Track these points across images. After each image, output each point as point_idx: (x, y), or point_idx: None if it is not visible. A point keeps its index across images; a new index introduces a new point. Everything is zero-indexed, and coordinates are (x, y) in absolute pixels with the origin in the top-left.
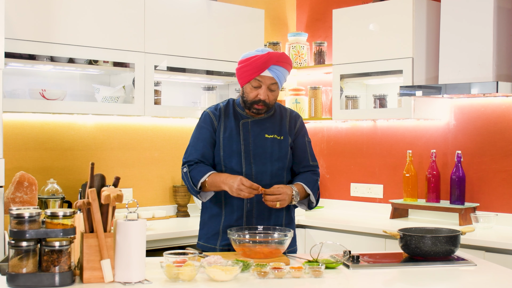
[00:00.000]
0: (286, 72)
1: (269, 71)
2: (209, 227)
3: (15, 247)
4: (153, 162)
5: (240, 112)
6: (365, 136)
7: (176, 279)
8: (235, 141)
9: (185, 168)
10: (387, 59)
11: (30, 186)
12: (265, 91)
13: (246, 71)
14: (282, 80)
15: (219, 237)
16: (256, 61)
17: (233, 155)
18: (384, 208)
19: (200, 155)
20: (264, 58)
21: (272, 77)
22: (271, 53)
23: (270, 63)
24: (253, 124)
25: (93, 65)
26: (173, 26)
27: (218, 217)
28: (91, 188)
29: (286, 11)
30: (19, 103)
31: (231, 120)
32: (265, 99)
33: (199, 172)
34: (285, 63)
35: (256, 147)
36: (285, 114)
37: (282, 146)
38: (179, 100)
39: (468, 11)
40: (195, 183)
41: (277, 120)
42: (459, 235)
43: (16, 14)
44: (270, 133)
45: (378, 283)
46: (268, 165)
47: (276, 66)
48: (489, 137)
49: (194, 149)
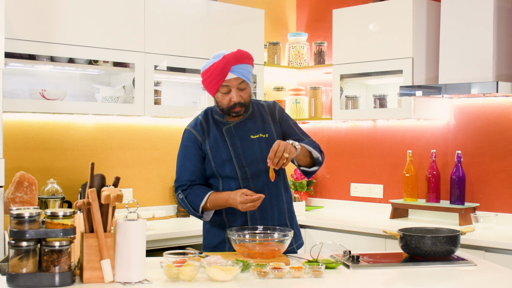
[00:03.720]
0: (249, 67)
1: (232, 72)
2: (214, 236)
3: (15, 247)
4: (153, 162)
5: (220, 119)
6: (365, 136)
7: (176, 279)
8: (223, 148)
9: (180, 194)
10: (387, 59)
11: (30, 186)
12: (236, 92)
13: (210, 82)
14: (248, 75)
15: (226, 243)
16: (215, 69)
17: (225, 163)
18: (384, 208)
19: (190, 174)
20: (222, 64)
21: (237, 77)
22: (226, 56)
23: (230, 65)
24: (236, 127)
25: (93, 65)
26: (173, 26)
27: (222, 225)
28: (91, 188)
29: (286, 11)
30: (19, 103)
31: (214, 129)
32: (239, 100)
33: (196, 196)
34: (244, 59)
35: (245, 150)
36: (263, 109)
37: (270, 144)
38: (179, 100)
39: (468, 11)
40: (196, 208)
41: (257, 118)
42: (459, 235)
43: (16, 14)
44: (255, 133)
45: (378, 283)
46: (261, 165)
47: (237, 65)
48: (489, 137)
49: (183, 169)
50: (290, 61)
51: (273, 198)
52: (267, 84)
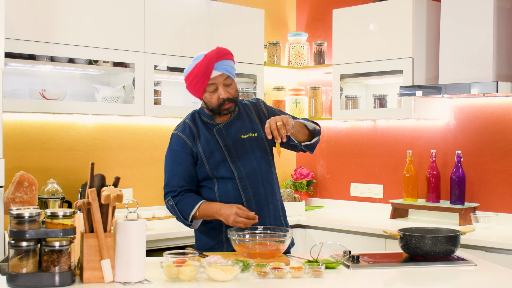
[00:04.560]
0: (231, 62)
1: (216, 70)
2: (208, 238)
3: (15, 247)
4: (153, 162)
5: (209, 121)
6: (365, 136)
7: (176, 279)
8: (217, 149)
9: (170, 201)
10: (387, 59)
11: (30, 186)
12: (223, 89)
13: (196, 83)
14: (231, 71)
15: (224, 244)
16: (199, 69)
17: (220, 164)
18: (384, 208)
19: (181, 180)
20: (204, 63)
21: (222, 74)
22: (207, 54)
23: (212, 62)
24: (226, 128)
25: (93, 65)
26: (173, 26)
27: (218, 228)
28: (91, 188)
29: (286, 11)
30: (19, 103)
31: (204, 131)
32: (228, 96)
33: (187, 205)
34: (225, 55)
35: (238, 149)
36: (248, 109)
37: (260, 143)
38: (179, 100)
39: (468, 11)
40: (186, 216)
41: (244, 118)
42: (459, 235)
43: (16, 14)
44: (245, 133)
45: (378, 283)
46: (254, 163)
47: (219, 61)
48: (489, 137)
49: (173, 174)
50: (290, 61)
51: (268, 196)
52: (267, 84)
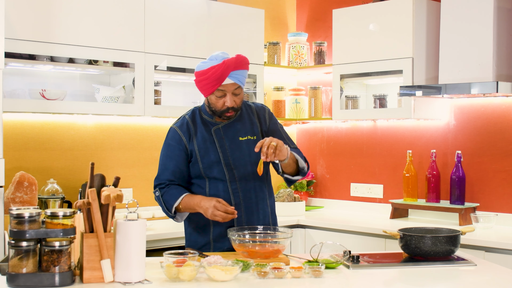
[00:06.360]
0: (246, 72)
1: (230, 78)
2: (197, 238)
3: (15, 247)
4: (153, 162)
5: (209, 119)
6: (365, 136)
7: (176, 279)
8: (212, 150)
9: (157, 192)
10: (387, 59)
11: (30, 186)
12: (231, 97)
13: (206, 84)
14: (243, 81)
15: (211, 246)
16: (214, 73)
17: (213, 165)
18: (384, 208)
19: (171, 174)
20: (222, 69)
21: (234, 83)
22: (226, 61)
23: (229, 70)
24: (225, 129)
25: (93, 65)
26: (173, 26)
27: (207, 228)
28: (91, 188)
29: (286, 11)
30: (19, 103)
31: (202, 130)
32: (233, 105)
33: (171, 196)
34: (243, 65)
35: (233, 152)
36: (250, 111)
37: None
38: (179, 100)
39: (468, 11)
40: (169, 207)
41: (246, 120)
42: (459, 235)
43: (16, 14)
44: (244, 135)
45: (378, 283)
46: (248, 167)
47: (235, 71)
48: (489, 137)
49: (164, 168)
50: (290, 61)
51: (259, 201)
52: (267, 84)
